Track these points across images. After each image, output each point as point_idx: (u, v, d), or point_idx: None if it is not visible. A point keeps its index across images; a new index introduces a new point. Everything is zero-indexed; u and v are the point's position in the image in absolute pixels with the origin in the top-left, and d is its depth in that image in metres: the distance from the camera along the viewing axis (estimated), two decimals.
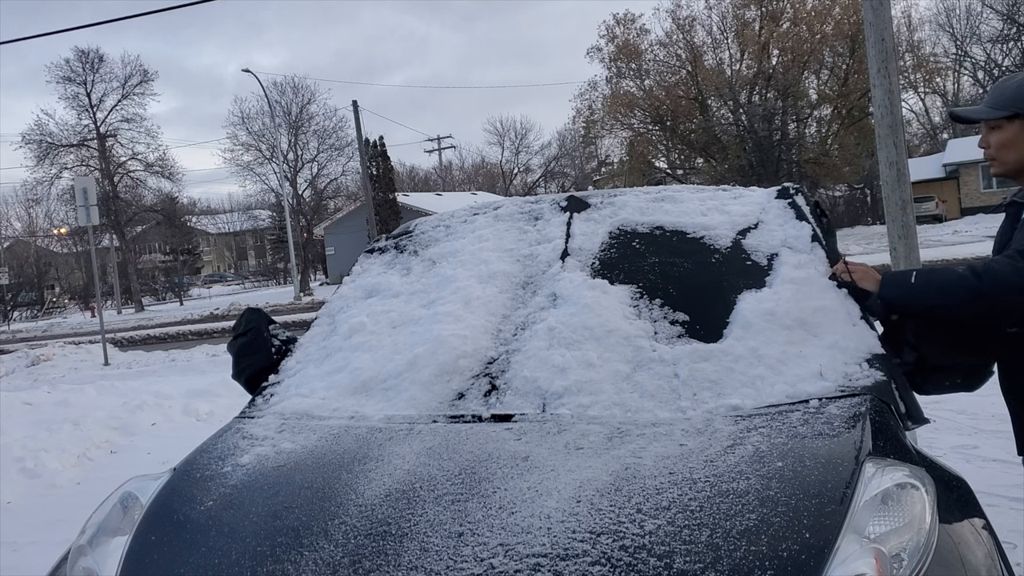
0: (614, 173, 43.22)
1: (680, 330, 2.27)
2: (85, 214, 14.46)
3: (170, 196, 46.87)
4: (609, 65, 37.32)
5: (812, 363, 2.06)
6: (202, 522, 1.82)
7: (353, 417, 2.25)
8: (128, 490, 2.04)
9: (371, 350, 2.51)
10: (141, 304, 44.05)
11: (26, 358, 15.25)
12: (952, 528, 1.59)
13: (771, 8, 34.35)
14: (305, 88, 45.92)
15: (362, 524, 1.65)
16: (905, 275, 2.11)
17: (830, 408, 1.89)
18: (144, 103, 46.79)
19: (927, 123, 51.13)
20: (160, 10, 12.31)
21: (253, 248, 76.17)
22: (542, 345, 2.26)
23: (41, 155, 40.87)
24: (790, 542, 1.45)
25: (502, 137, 62.70)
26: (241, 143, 44.07)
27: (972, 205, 37.07)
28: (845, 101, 33.45)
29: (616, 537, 1.49)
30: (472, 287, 2.59)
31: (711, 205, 2.75)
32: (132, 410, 7.85)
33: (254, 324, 2.76)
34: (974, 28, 43.65)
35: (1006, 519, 3.30)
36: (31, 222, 56.14)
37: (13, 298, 45.35)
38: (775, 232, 2.52)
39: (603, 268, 2.54)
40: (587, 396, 2.08)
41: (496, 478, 1.74)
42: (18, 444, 6.45)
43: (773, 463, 1.67)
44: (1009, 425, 2.21)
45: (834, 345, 2.10)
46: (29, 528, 4.79)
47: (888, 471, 1.61)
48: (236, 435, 2.27)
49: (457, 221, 3.07)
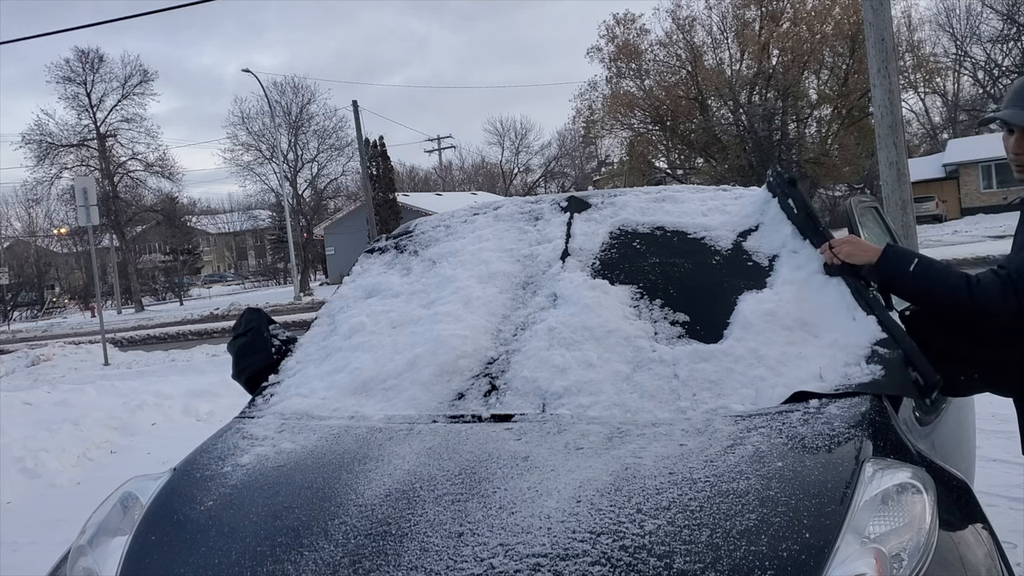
0: (614, 173, 43.19)
1: (680, 330, 2.27)
2: (85, 214, 14.46)
3: (170, 196, 46.92)
4: (609, 65, 37.30)
5: (812, 364, 2.05)
6: (202, 522, 1.82)
7: (353, 417, 2.25)
8: (128, 490, 2.04)
9: (371, 350, 2.51)
10: (141, 304, 44.05)
11: (26, 358, 15.25)
12: (952, 528, 1.60)
13: (771, 8, 34.32)
14: (305, 88, 45.90)
15: (362, 524, 1.65)
16: (906, 259, 2.13)
17: (830, 408, 1.89)
18: (144, 103, 46.73)
19: (927, 123, 51.14)
20: (160, 10, 12.33)
21: (253, 248, 76.17)
22: (542, 345, 2.26)
23: (41, 155, 40.92)
24: (790, 542, 1.45)
25: (502, 137, 62.72)
26: (241, 143, 44.14)
27: (972, 205, 37.08)
28: (845, 101, 33.42)
29: (616, 537, 1.49)
30: (472, 287, 2.59)
31: (712, 205, 2.74)
32: (132, 410, 7.85)
33: (254, 324, 2.76)
34: (974, 28, 43.68)
35: (1006, 519, 3.30)
36: (31, 222, 56.17)
37: (13, 298, 45.34)
38: (776, 232, 2.51)
39: (603, 268, 2.54)
40: (587, 396, 2.08)
41: (496, 478, 1.74)
42: (18, 444, 6.45)
43: (773, 463, 1.67)
44: (1008, 425, 2.21)
45: (834, 344, 2.09)
46: (29, 528, 4.79)
47: (888, 471, 1.61)
48: (236, 435, 2.27)
49: (457, 221, 3.07)
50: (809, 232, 2.38)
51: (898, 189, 5.21)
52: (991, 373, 2.13)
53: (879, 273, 2.16)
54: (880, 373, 1.96)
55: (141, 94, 42.24)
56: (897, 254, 2.16)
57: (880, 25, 5.26)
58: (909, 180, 5.28)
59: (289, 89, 43.81)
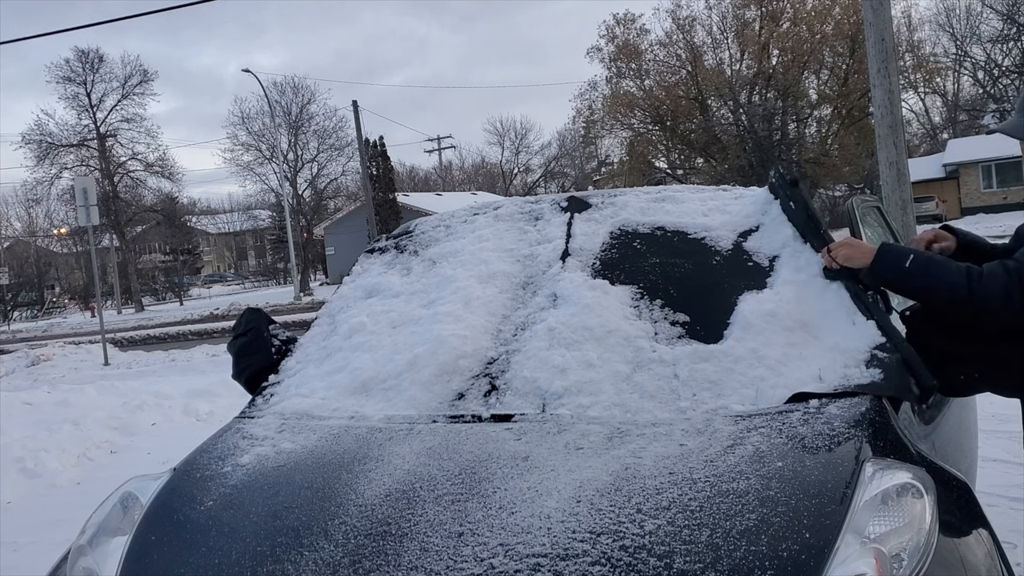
0: (614, 173, 43.19)
1: (680, 331, 2.27)
2: (85, 214, 14.46)
3: (170, 196, 46.91)
4: (609, 65, 37.30)
5: (812, 365, 2.05)
6: (202, 522, 1.82)
7: (353, 417, 2.25)
8: (128, 490, 2.04)
9: (371, 350, 2.51)
10: (141, 304, 44.05)
11: (26, 358, 15.24)
12: (952, 528, 1.59)
13: (771, 8, 34.32)
14: (305, 88, 45.90)
15: (362, 524, 1.65)
16: (902, 255, 2.08)
17: (830, 408, 1.89)
18: (144, 103, 46.71)
19: (927, 123, 51.14)
20: (160, 10, 12.33)
21: (253, 248, 76.17)
22: (542, 345, 2.26)
23: (41, 155, 40.90)
24: (790, 542, 1.45)
25: (502, 137, 62.71)
26: (241, 143, 44.14)
27: (972, 205, 37.09)
28: (845, 101, 33.42)
29: (616, 537, 1.49)
30: (472, 287, 2.58)
31: (713, 205, 2.74)
32: (132, 410, 7.85)
33: (254, 324, 2.76)
34: (974, 28, 43.67)
35: (1006, 519, 3.31)
36: (31, 222, 56.19)
37: (13, 298, 45.34)
38: (777, 233, 2.51)
39: (604, 268, 2.54)
40: (587, 397, 2.08)
41: (496, 478, 1.74)
42: (18, 444, 6.45)
43: (773, 463, 1.67)
44: (1009, 425, 2.21)
45: (834, 347, 2.09)
46: (29, 528, 4.79)
47: (888, 471, 1.61)
48: (236, 435, 2.27)
49: (457, 221, 3.07)
50: (810, 235, 2.38)
51: (898, 189, 5.21)
52: (992, 372, 2.13)
53: (875, 274, 2.12)
54: (879, 376, 1.97)
55: (141, 94, 42.27)
56: (892, 252, 2.11)
57: (880, 25, 5.27)
58: (909, 180, 5.28)
59: (289, 89, 43.87)
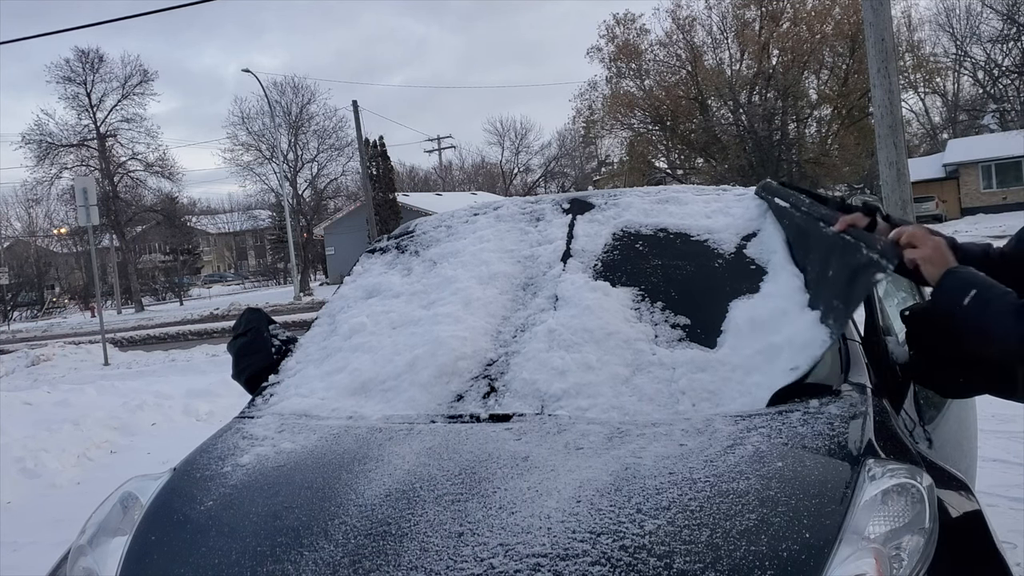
0: (614, 173, 43.19)
1: (681, 333, 2.26)
2: (85, 214, 14.46)
3: (170, 196, 46.92)
4: (609, 65, 37.33)
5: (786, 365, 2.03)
6: (202, 522, 1.82)
7: (352, 417, 2.25)
8: (128, 490, 2.04)
9: (371, 351, 2.50)
10: (141, 304, 44.06)
11: (26, 358, 15.25)
12: (952, 528, 1.59)
13: (771, 8, 34.33)
14: (305, 88, 45.94)
15: (362, 524, 1.65)
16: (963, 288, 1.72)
17: (830, 408, 1.89)
18: (144, 103, 46.81)
19: (927, 123, 51.12)
20: (160, 10, 12.33)
21: (253, 248, 76.18)
22: (542, 347, 2.25)
23: (41, 155, 40.93)
24: (790, 542, 1.45)
25: (502, 137, 62.78)
26: (241, 143, 44.20)
27: (972, 205, 37.09)
28: (845, 101, 33.43)
29: (616, 537, 1.49)
30: (472, 288, 2.58)
31: (716, 207, 2.71)
32: (132, 410, 7.85)
33: (254, 324, 2.76)
34: (974, 28, 43.60)
35: (1006, 519, 3.31)
36: (31, 222, 56.22)
37: (13, 298, 45.32)
38: (775, 235, 2.50)
39: (605, 270, 2.53)
40: (585, 399, 2.07)
41: (496, 478, 1.74)
42: (18, 444, 6.45)
43: (773, 463, 1.67)
44: (1009, 425, 2.20)
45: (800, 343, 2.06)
46: (29, 528, 4.79)
47: (888, 471, 1.61)
48: (236, 435, 2.27)
49: (458, 221, 3.06)
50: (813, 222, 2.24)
51: (898, 189, 5.22)
52: (995, 376, 2.12)
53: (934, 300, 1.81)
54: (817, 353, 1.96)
55: (141, 94, 42.32)
56: (956, 281, 1.74)
57: (880, 25, 5.27)
58: (909, 180, 5.29)
59: (289, 89, 43.93)
